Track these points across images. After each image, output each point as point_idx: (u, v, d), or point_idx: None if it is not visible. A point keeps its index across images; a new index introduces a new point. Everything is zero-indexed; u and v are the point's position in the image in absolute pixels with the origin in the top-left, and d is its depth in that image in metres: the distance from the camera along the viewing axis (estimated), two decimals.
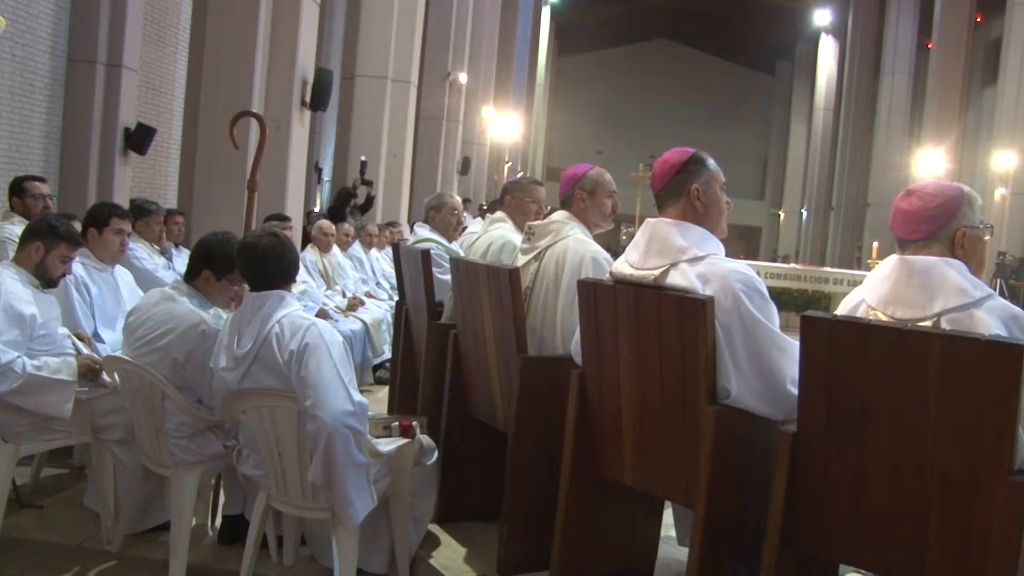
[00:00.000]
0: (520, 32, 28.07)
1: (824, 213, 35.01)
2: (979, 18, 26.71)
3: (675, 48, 44.40)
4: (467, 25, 18.94)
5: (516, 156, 29.18)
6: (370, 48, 12.81)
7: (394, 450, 3.45)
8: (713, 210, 3.04)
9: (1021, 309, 2.54)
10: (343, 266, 8.42)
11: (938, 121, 25.64)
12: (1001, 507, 2.24)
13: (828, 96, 36.33)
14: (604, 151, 38.40)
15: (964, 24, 25.69)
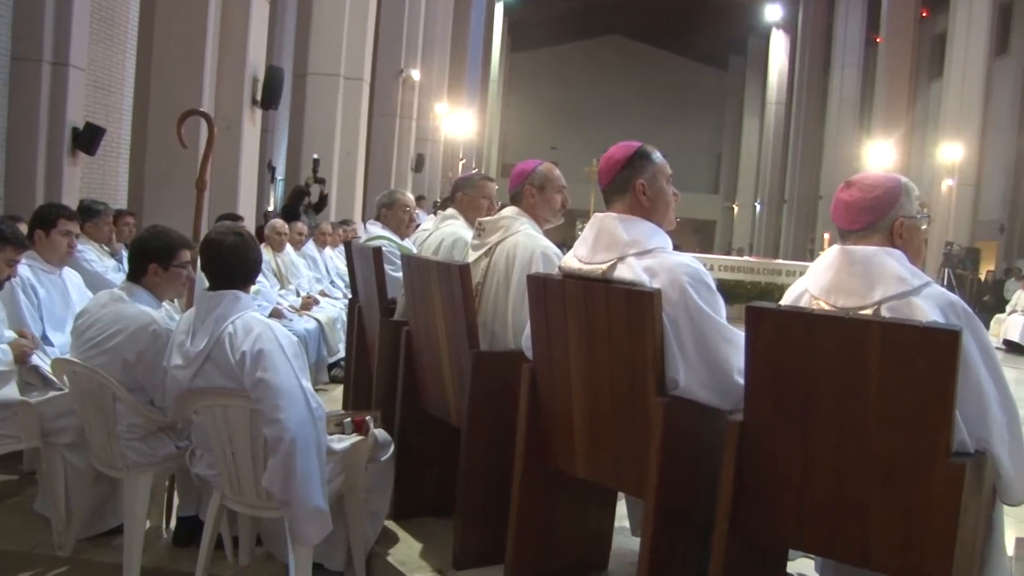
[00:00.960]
0: (473, 28, 28.05)
1: (777, 206, 35.42)
2: (925, 13, 27.20)
3: (628, 44, 44.61)
4: (419, 22, 18.89)
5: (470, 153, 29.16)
6: (322, 45, 12.74)
7: (348, 447, 3.46)
8: (660, 203, 3.07)
9: (959, 297, 2.61)
10: (297, 265, 8.38)
11: (887, 114, 26.09)
12: (940, 489, 2.31)
13: (780, 90, 36.75)
14: (558, 147, 38.52)
15: (911, 19, 26.15)
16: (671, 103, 43.73)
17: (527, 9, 37.91)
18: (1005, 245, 22.92)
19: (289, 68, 13.35)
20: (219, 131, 7.92)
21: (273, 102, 9.33)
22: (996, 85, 22.84)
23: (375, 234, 5.37)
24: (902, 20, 26.09)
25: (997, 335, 15.83)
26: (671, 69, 44.31)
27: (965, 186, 21.68)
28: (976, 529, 2.53)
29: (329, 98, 12.76)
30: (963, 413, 2.41)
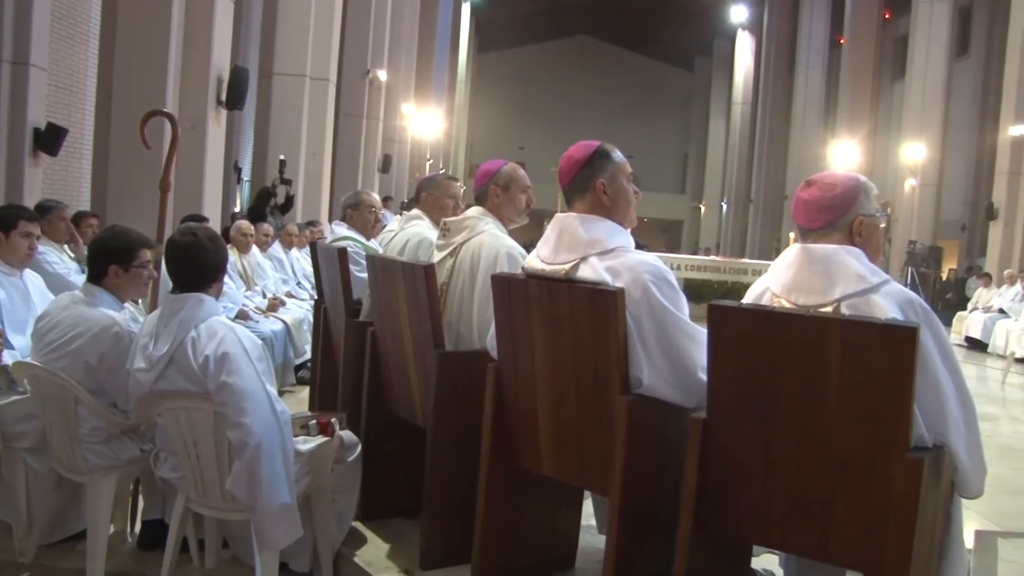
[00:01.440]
0: (440, 29, 28.01)
1: (743, 206, 35.68)
2: (887, 15, 27.50)
3: (596, 45, 44.76)
4: (386, 22, 18.83)
5: (438, 153, 29.11)
6: (287, 46, 12.67)
7: (314, 449, 3.44)
8: (620, 202, 3.09)
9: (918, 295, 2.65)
10: (263, 266, 8.33)
11: (851, 114, 26.35)
12: (899, 484, 2.35)
13: (746, 91, 37.01)
14: (526, 147, 38.59)
15: (873, 20, 26.44)
16: (638, 104, 43.92)
17: (494, 9, 37.91)
18: (966, 244, 23.24)
19: (255, 68, 13.27)
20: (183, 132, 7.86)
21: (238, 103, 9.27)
22: (957, 86, 23.16)
23: (340, 235, 5.36)
24: (865, 22, 26.38)
25: (959, 332, 16.05)
26: (638, 70, 44.50)
27: (927, 186, 21.96)
28: (935, 522, 2.57)
29: (295, 99, 12.70)
30: (921, 408, 2.45)
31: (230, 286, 7.25)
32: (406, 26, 22.04)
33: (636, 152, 43.27)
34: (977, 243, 21.75)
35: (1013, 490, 5.87)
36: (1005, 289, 15.97)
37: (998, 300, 15.77)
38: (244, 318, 6.88)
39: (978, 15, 23.87)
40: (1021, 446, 7.41)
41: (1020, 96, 17.71)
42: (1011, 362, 11.98)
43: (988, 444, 6.98)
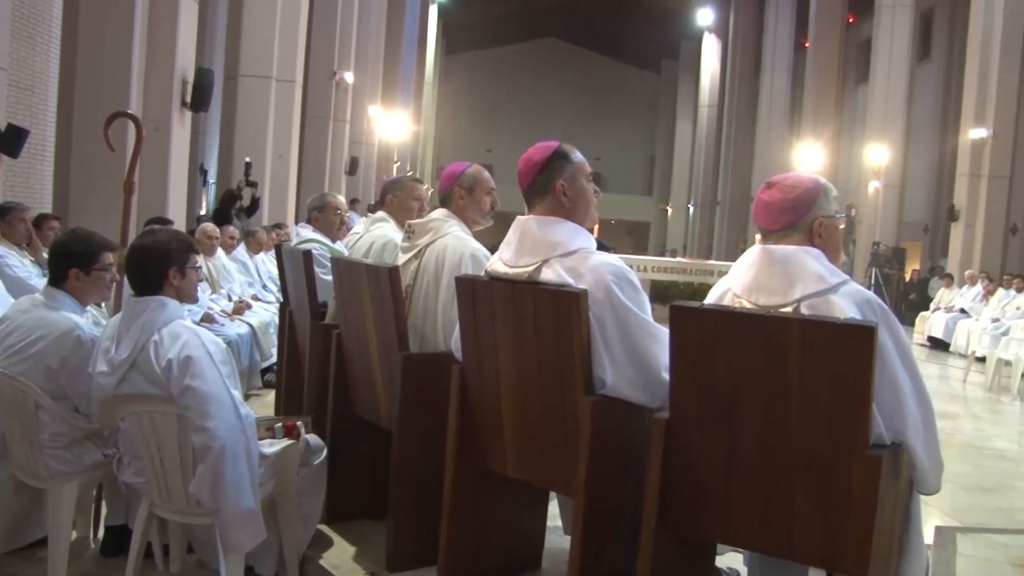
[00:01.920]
0: (407, 31, 27.94)
1: (710, 207, 35.88)
2: (851, 19, 27.78)
3: (563, 47, 44.85)
4: (352, 24, 18.77)
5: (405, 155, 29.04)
6: (253, 47, 12.60)
7: (278, 451, 3.43)
8: (580, 203, 3.10)
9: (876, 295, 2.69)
10: (228, 269, 8.27)
11: (816, 117, 26.57)
12: (858, 481, 2.37)
13: (712, 93, 37.22)
14: (494, 149, 38.57)
15: (837, 25, 26.69)
16: (605, 106, 44.05)
17: (461, 11, 37.88)
18: (929, 245, 23.54)
19: (220, 70, 13.17)
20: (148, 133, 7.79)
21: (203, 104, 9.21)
22: (919, 90, 23.45)
23: (305, 237, 5.34)
24: (829, 26, 26.62)
25: (922, 332, 16.26)
26: (605, 72, 44.66)
27: (891, 188, 22.21)
28: (894, 519, 2.60)
29: (261, 100, 12.63)
30: (880, 407, 2.48)
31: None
32: (373, 28, 21.97)
33: (603, 154, 43.55)
34: (939, 244, 22.04)
35: (973, 487, 5.97)
36: (966, 289, 16.20)
37: (959, 300, 16.00)
38: (209, 321, 6.83)
39: (939, 20, 24.21)
40: (981, 444, 7.52)
41: (979, 99, 17.99)
42: (972, 361, 12.15)
43: (949, 442, 7.16)
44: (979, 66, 18.02)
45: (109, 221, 7.03)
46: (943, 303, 16.59)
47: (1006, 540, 4.53)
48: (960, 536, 4.50)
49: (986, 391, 10.78)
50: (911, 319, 17.70)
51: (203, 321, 6.72)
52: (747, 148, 32.92)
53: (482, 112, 43.03)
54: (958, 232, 18.68)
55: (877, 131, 22.03)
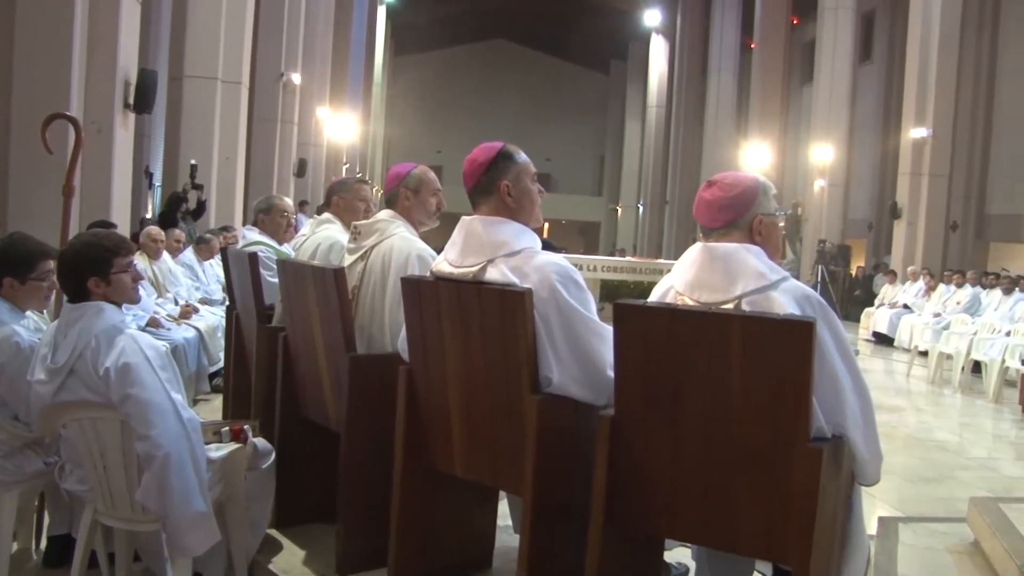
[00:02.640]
0: (355, 32, 27.77)
1: (659, 207, 36.13)
2: (795, 21, 28.16)
3: (513, 48, 44.91)
4: (300, 25, 18.61)
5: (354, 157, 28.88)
6: (198, 48, 12.41)
7: (225, 455, 3.40)
8: (525, 202, 3.11)
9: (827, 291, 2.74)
10: (175, 273, 8.17)
11: (762, 117, 26.89)
12: (799, 474, 2.42)
13: (660, 94, 37.50)
14: (443, 150, 38.48)
15: (782, 26, 27.04)
16: (555, 107, 44.19)
17: (410, 12, 37.74)
18: (873, 242, 23.93)
19: (164, 71, 12.98)
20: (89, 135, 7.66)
21: (146, 106, 9.03)
22: (861, 90, 23.86)
23: (251, 239, 5.30)
24: (774, 27, 26.95)
25: (867, 328, 16.53)
26: (555, 73, 44.79)
27: (835, 186, 22.54)
28: (836, 510, 2.65)
29: (207, 102, 12.43)
30: (820, 400, 2.53)
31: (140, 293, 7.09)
32: (320, 29, 21.81)
33: (553, 155, 43.68)
34: (883, 241, 22.42)
35: (916, 478, 6.09)
36: (909, 285, 16.50)
37: (903, 296, 16.29)
38: (155, 326, 6.75)
39: (880, 22, 24.63)
40: (924, 436, 7.68)
41: (919, 99, 18.35)
42: (915, 355, 12.39)
43: (894, 435, 7.30)
44: (918, 67, 18.38)
45: (49, 225, 6.89)
46: (887, 299, 16.87)
47: (945, 528, 4.63)
48: (902, 526, 4.59)
49: (929, 384, 11.00)
50: (856, 315, 17.99)
51: (149, 326, 6.64)
52: (695, 148, 33.23)
53: (432, 113, 42.94)
54: (901, 229, 19.03)
55: (822, 131, 22.36)
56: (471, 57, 44.32)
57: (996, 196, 19.22)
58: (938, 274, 16.33)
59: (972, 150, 19.59)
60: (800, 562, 2.42)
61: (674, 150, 34.59)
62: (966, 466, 6.57)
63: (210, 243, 9.13)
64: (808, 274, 21.24)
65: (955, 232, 19.45)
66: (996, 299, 13.32)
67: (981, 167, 19.56)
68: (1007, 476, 6.42)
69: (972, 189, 19.62)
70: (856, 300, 20.07)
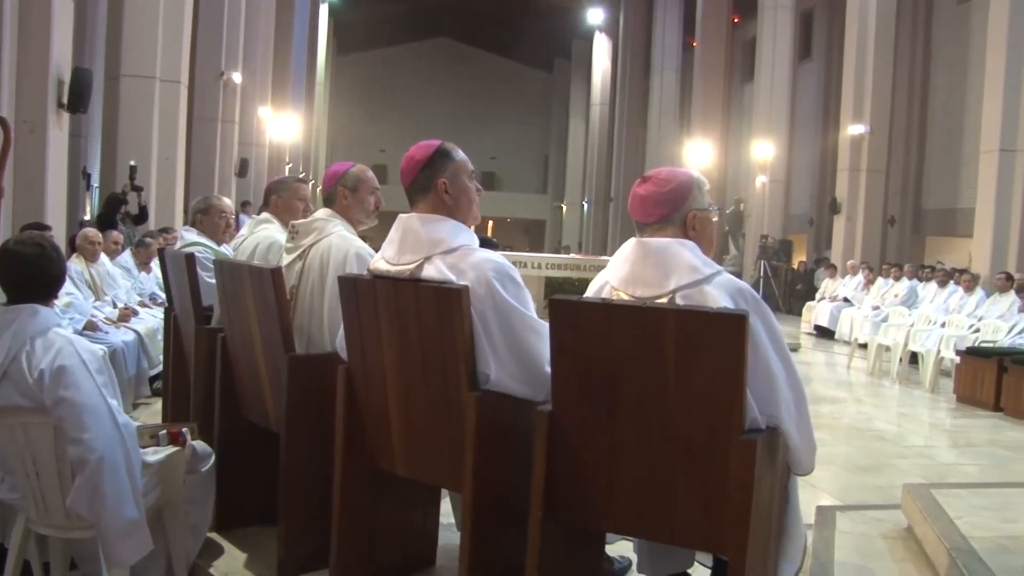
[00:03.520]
0: (297, 30, 27.49)
1: (604, 204, 36.32)
2: (736, 19, 28.51)
3: (456, 47, 44.82)
4: (240, 23, 18.39)
5: (297, 157, 28.62)
6: (135, 46, 12.18)
7: (162, 459, 3.36)
8: (463, 200, 3.12)
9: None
10: (113, 275, 8.03)
11: (704, 115, 27.19)
12: (735, 465, 2.45)
13: (604, 92, 37.70)
14: (387, 149, 38.29)
15: (723, 25, 27.36)
16: (499, 105, 44.22)
17: (352, 11, 37.50)
18: (815, 237, 24.28)
19: (100, 70, 12.74)
20: (21, 135, 7.50)
21: (81, 105, 8.85)
22: (801, 88, 24.21)
23: (189, 240, 5.23)
24: (715, 26, 27.24)
25: (808, 322, 16.81)
26: (499, 72, 44.81)
27: (777, 182, 22.86)
28: (772, 500, 2.69)
29: (145, 101, 12.22)
30: (754, 392, 2.57)
31: (77, 296, 6.97)
32: (262, 27, 21.58)
33: (498, 153, 43.73)
34: (824, 236, 22.76)
35: (855, 467, 6.22)
36: (849, 279, 16.81)
37: (843, 289, 16.59)
38: (93, 329, 6.63)
39: (818, 21, 25.00)
40: (864, 426, 7.82)
41: (857, 97, 18.68)
42: (855, 348, 12.62)
43: (835, 426, 7.44)
44: (855, 65, 18.72)
45: None
46: (827, 293, 17.16)
47: (880, 515, 4.72)
48: (840, 514, 4.68)
49: (868, 376, 11.22)
50: (798, 309, 18.28)
51: (86, 329, 6.53)
52: (639, 146, 33.48)
53: (375, 112, 42.73)
54: (840, 224, 19.36)
55: (763, 128, 22.68)
56: (415, 56, 44.15)
57: (932, 191, 19.65)
58: (877, 268, 16.64)
59: (908, 146, 20.01)
60: (736, 552, 2.46)
61: (618, 148, 34.81)
62: (903, 454, 6.71)
63: (150, 248, 8.98)
64: (751, 269, 21.54)
65: (893, 227, 19.84)
66: (932, 292, 13.63)
67: (917, 163, 19.98)
68: (942, 463, 6.57)
69: (909, 184, 20.03)
70: (798, 294, 20.37)
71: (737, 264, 22.67)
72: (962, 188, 17.74)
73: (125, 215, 11.26)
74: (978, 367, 9.21)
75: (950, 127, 18.74)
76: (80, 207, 13.61)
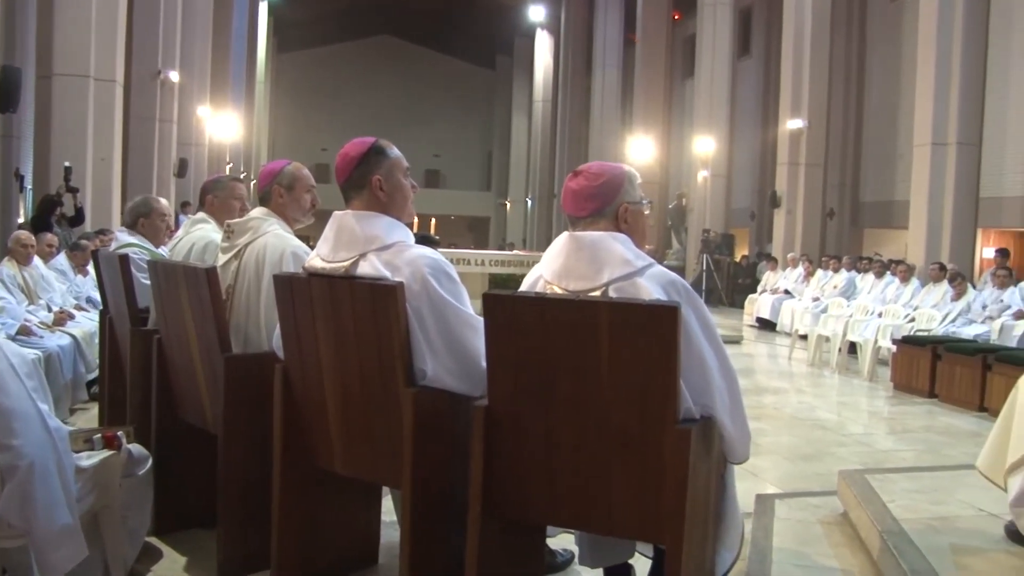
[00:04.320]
0: (236, 28, 27.19)
1: (548, 201, 36.46)
2: (676, 16, 28.78)
3: (398, 44, 44.64)
4: (177, 20, 18.14)
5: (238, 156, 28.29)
6: (68, 44, 11.94)
7: (97, 463, 3.30)
8: (397, 197, 3.11)
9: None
10: (47, 279, 7.86)
11: (646, 111, 27.42)
12: (670, 455, 2.48)
13: (546, 89, 37.84)
14: (329, 148, 38.00)
15: (663, 21, 27.62)
16: (442, 102, 44.16)
17: (293, 9, 37.15)
18: (756, 231, 24.62)
19: (31, 69, 12.47)
20: None
21: (10, 105, 8.69)
22: (740, 84, 24.53)
23: (124, 242, 5.14)
24: (655, 23, 27.49)
25: (750, 314, 17.02)
26: (441, 69, 44.72)
27: (718, 177, 23.15)
28: (708, 489, 2.73)
29: (78, 101, 11.99)
30: (688, 382, 2.60)
31: (10, 301, 6.83)
32: (199, 25, 21.31)
33: (441, 151, 43.68)
34: (765, 229, 23.08)
35: (796, 456, 6.32)
36: (789, 271, 17.05)
37: (783, 282, 16.82)
38: (27, 334, 6.50)
39: (757, 18, 25.35)
40: (805, 416, 7.96)
41: (795, 92, 19.00)
42: (796, 339, 12.82)
43: (777, 416, 7.56)
44: (793, 61, 19.04)
45: None
46: (769, 285, 17.40)
47: (818, 502, 4.81)
48: (778, 502, 4.75)
49: (809, 366, 11.41)
50: (741, 302, 18.50)
51: (20, 334, 6.40)
52: (581, 142, 33.68)
53: (317, 111, 42.42)
54: (780, 218, 19.66)
55: (703, 123, 22.94)
56: (356, 54, 43.90)
57: (868, 185, 20.03)
58: (816, 260, 16.92)
59: (845, 141, 20.38)
60: (673, 541, 2.49)
61: (561, 144, 34.97)
62: (843, 442, 6.84)
63: (85, 250, 8.81)
64: (693, 263, 21.77)
65: (832, 219, 20.20)
66: (870, 283, 13.89)
67: (854, 157, 20.36)
68: (880, 450, 6.71)
69: (846, 178, 20.40)
70: (740, 287, 20.61)
71: (680, 258, 22.90)
72: (897, 181, 18.11)
73: (60, 217, 11.03)
74: (913, 355, 9.42)
75: (885, 122, 19.13)
76: (13, 209, 13.31)
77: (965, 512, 4.24)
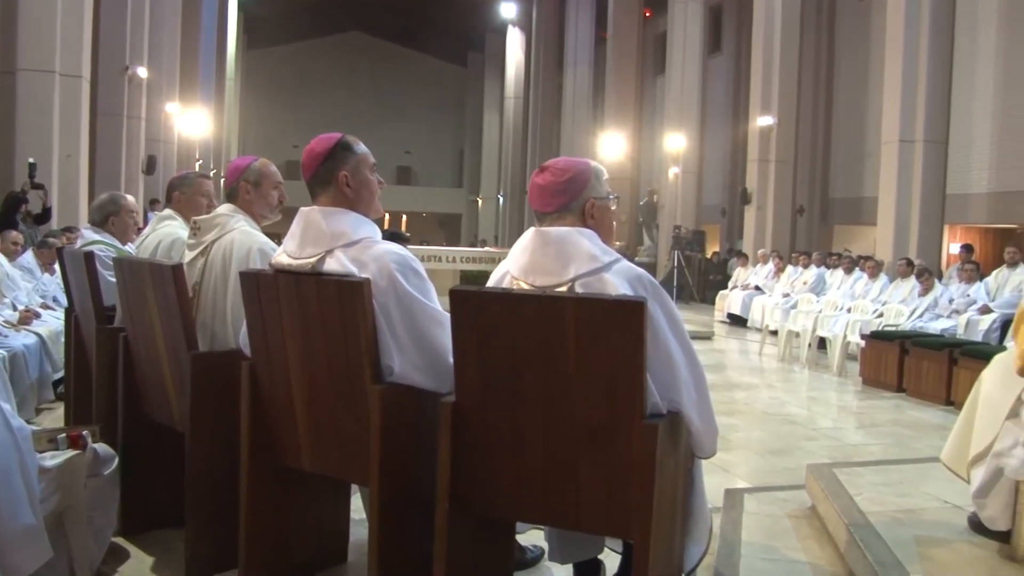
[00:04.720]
0: (205, 24, 26.93)
1: (519, 198, 36.46)
2: (648, 13, 28.87)
3: (369, 41, 44.45)
4: (144, 15, 17.95)
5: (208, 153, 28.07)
6: (32, 39, 11.79)
7: (61, 463, 3.27)
8: (364, 193, 3.10)
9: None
10: (12, 277, 7.77)
11: (617, 108, 27.49)
12: (638, 450, 2.49)
13: (518, 86, 37.82)
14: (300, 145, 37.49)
15: (635, 18, 27.70)
16: (413, 99, 44.01)
17: (263, 4, 36.90)
18: (727, 227, 24.74)
19: None
20: None
21: None
22: (711, 81, 24.63)
23: (90, 239, 5.08)
24: (627, 20, 27.57)
25: (722, 310, 17.13)
26: (412, 66, 44.55)
27: (689, 173, 23.27)
28: (676, 484, 2.74)
29: (44, 97, 11.84)
30: (654, 377, 2.61)
31: None
32: (167, 20, 21.11)
33: (413, 148, 43.54)
34: (736, 226, 23.21)
35: (767, 451, 6.36)
36: (760, 267, 17.17)
37: (754, 278, 16.93)
38: None
39: (727, 15, 25.45)
40: (776, 411, 8.01)
41: (764, 89, 19.11)
42: (766, 334, 12.91)
43: (748, 411, 7.60)
44: (763, 58, 19.15)
45: None
46: (740, 281, 17.50)
47: (786, 496, 4.85)
48: (747, 496, 4.79)
49: (779, 362, 11.50)
50: (712, 298, 18.61)
51: None
52: (553, 139, 33.70)
53: (287, 107, 42.16)
54: (751, 214, 19.78)
55: (675, 120, 23.05)
56: (327, 51, 43.67)
57: (838, 181, 20.18)
58: (786, 256, 17.04)
59: (815, 137, 20.50)
60: (641, 536, 2.50)
61: (532, 141, 34.98)
62: (812, 437, 6.90)
63: (52, 248, 8.71)
64: (665, 260, 21.85)
65: (802, 216, 20.33)
66: (839, 278, 14.01)
67: (823, 154, 20.49)
68: (848, 444, 6.77)
69: (816, 175, 20.53)
70: (712, 284, 20.73)
71: (651, 255, 22.99)
72: (866, 178, 18.26)
73: (26, 214, 10.91)
74: (882, 350, 9.52)
75: (854, 119, 19.27)
76: None
77: (930, 504, 4.29)
